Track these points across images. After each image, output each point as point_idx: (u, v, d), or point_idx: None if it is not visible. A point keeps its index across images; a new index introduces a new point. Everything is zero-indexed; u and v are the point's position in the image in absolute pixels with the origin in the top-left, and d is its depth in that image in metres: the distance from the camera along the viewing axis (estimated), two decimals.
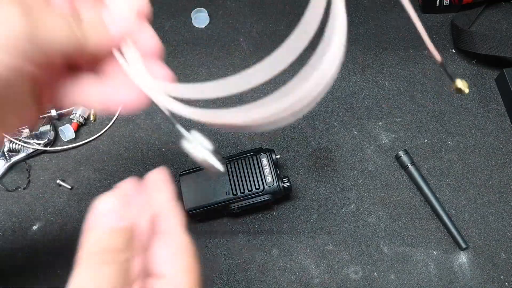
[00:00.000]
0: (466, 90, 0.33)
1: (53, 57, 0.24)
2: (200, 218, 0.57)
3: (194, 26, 0.73)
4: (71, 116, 0.63)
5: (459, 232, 0.55)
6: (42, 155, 0.62)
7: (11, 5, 0.21)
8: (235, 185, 0.54)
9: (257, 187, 0.53)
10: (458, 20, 0.69)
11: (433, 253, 0.55)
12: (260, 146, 0.59)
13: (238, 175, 0.54)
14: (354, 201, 0.58)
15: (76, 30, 0.24)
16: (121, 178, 0.63)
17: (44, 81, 0.25)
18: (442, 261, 0.55)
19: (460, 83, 0.34)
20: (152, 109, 0.48)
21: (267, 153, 0.55)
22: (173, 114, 0.27)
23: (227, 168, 0.55)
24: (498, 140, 0.62)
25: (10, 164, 0.61)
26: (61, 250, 0.56)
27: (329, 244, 0.56)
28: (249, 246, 0.56)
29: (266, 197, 0.54)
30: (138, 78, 0.27)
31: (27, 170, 0.61)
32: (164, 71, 0.28)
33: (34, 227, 0.58)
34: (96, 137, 0.63)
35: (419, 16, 0.72)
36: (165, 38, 0.72)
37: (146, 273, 0.27)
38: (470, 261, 0.54)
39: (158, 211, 0.28)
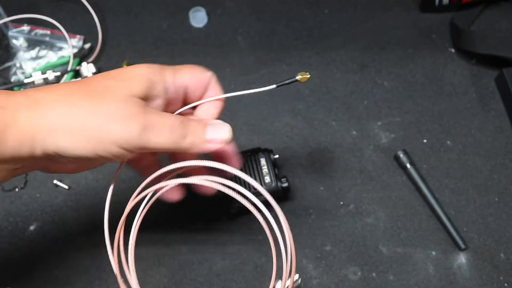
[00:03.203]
0: (307, 75, 0.40)
1: (154, 151, 0.36)
2: (199, 219, 0.57)
3: (192, 26, 0.73)
4: None
5: (458, 233, 0.55)
6: None
7: (136, 122, 0.33)
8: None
9: (255, 187, 0.53)
10: (457, 20, 0.69)
11: (432, 254, 0.55)
12: (258, 146, 0.59)
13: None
14: (353, 201, 0.58)
15: (180, 143, 0.35)
16: (118, 178, 0.62)
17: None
18: (441, 261, 0.54)
19: (300, 75, 0.40)
20: None
21: (265, 153, 0.55)
22: None
23: None
24: (498, 140, 0.61)
25: None
26: (58, 250, 0.56)
27: (327, 245, 0.56)
28: (247, 247, 0.56)
29: (264, 197, 0.53)
30: None
31: None
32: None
33: (31, 227, 0.58)
34: None
35: (417, 15, 0.72)
36: (163, 38, 0.72)
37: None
38: (469, 262, 0.54)
39: None
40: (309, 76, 0.40)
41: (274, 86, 0.39)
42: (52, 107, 0.33)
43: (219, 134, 0.38)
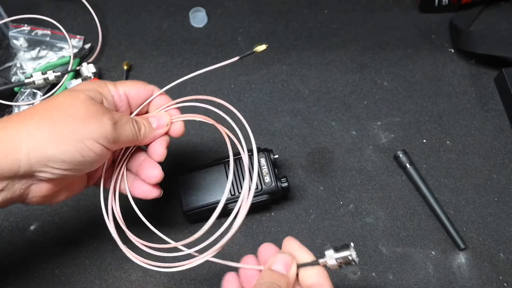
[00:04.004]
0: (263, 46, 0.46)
1: (122, 145, 0.43)
2: (198, 218, 0.57)
3: (192, 26, 0.73)
4: None
5: (457, 233, 0.55)
6: None
7: (108, 119, 0.39)
8: (233, 185, 0.54)
9: (255, 187, 0.53)
10: (457, 20, 0.69)
11: (431, 254, 0.55)
12: (258, 146, 0.59)
13: (236, 175, 0.54)
14: (353, 201, 0.58)
15: (138, 134, 0.43)
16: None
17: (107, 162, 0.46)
18: (441, 261, 0.54)
19: (259, 48, 0.46)
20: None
21: (265, 153, 0.55)
22: None
23: (225, 168, 0.55)
24: (497, 140, 0.61)
25: None
26: (58, 250, 0.56)
27: (327, 245, 0.56)
28: (247, 247, 0.56)
29: (264, 197, 0.54)
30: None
31: None
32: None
33: (32, 227, 0.58)
34: None
35: (417, 15, 0.72)
36: (163, 38, 0.72)
37: None
38: (469, 262, 0.54)
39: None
40: (265, 47, 0.46)
41: (237, 58, 0.46)
42: (26, 122, 0.37)
43: (162, 121, 0.46)
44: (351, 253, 0.36)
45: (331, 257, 0.37)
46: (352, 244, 0.37)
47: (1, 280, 0.54)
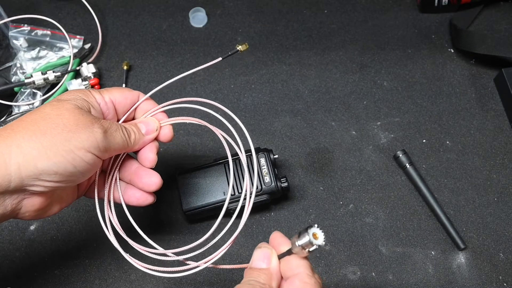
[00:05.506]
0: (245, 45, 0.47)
1: (113, 153, 0.43)
2: (198, 218, 0.57)
3: (192, 26, 0.73)
4: None
5: (457, 232, 0.55)
6: None
7: (98, 128, 0.39)
8: (232, 185, 0.54)
9: (255, 187, 0.53)
10: (456, 20, 0.69)
11: (431, 254, 0.55)
12: (258, 146, 0.59)
13: (236, 175, 0.54)
14: (352, 201, 0.58)
15: (128, 141, 0.43)
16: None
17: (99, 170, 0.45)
18: (441, 261, 0.54)
19: (242, 47, 0.46)
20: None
21: (265, 153, 0.55)
22: None
23: (225, 168, 0.55)
24: (497, 140, 0.62)
25: None
26: (58, 250, 0.56)
27: (327, 245, 0.56)
28: (247, 247, 0.56)
29: (264, 197, 0.54)
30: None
31: None
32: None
33: (32, 227, 0.58)
34: None
35: (417, 15, 0.72)
36: (163, 38, 0.72)
37: None
38: (469, 262, 0.54)
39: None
40: (247, 46, 0.47)
41: (220, 59, 0.46)
42: (14, 135, 0.36)
43: (151, 126, 0.45)
44: (309, 238, 0.33)
45: (295, 244, 0.34)
46: (314, 225, 0.33)
47: (1, 280, 0.55)
